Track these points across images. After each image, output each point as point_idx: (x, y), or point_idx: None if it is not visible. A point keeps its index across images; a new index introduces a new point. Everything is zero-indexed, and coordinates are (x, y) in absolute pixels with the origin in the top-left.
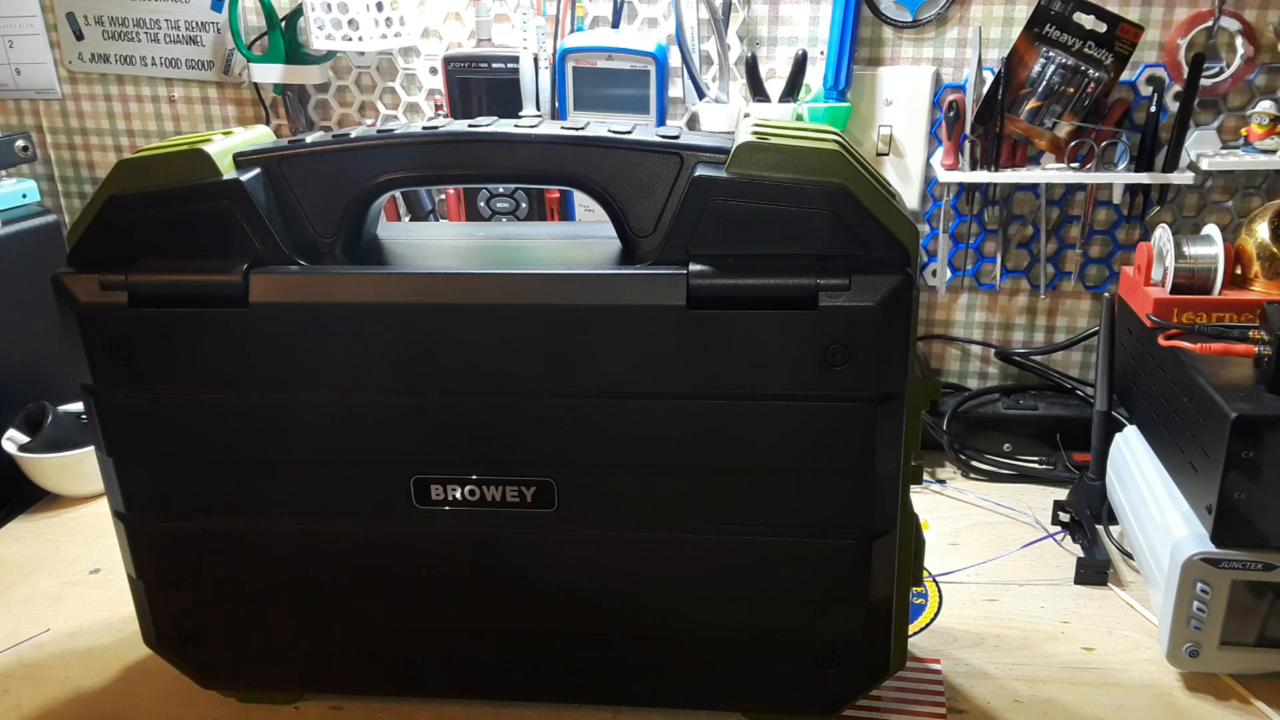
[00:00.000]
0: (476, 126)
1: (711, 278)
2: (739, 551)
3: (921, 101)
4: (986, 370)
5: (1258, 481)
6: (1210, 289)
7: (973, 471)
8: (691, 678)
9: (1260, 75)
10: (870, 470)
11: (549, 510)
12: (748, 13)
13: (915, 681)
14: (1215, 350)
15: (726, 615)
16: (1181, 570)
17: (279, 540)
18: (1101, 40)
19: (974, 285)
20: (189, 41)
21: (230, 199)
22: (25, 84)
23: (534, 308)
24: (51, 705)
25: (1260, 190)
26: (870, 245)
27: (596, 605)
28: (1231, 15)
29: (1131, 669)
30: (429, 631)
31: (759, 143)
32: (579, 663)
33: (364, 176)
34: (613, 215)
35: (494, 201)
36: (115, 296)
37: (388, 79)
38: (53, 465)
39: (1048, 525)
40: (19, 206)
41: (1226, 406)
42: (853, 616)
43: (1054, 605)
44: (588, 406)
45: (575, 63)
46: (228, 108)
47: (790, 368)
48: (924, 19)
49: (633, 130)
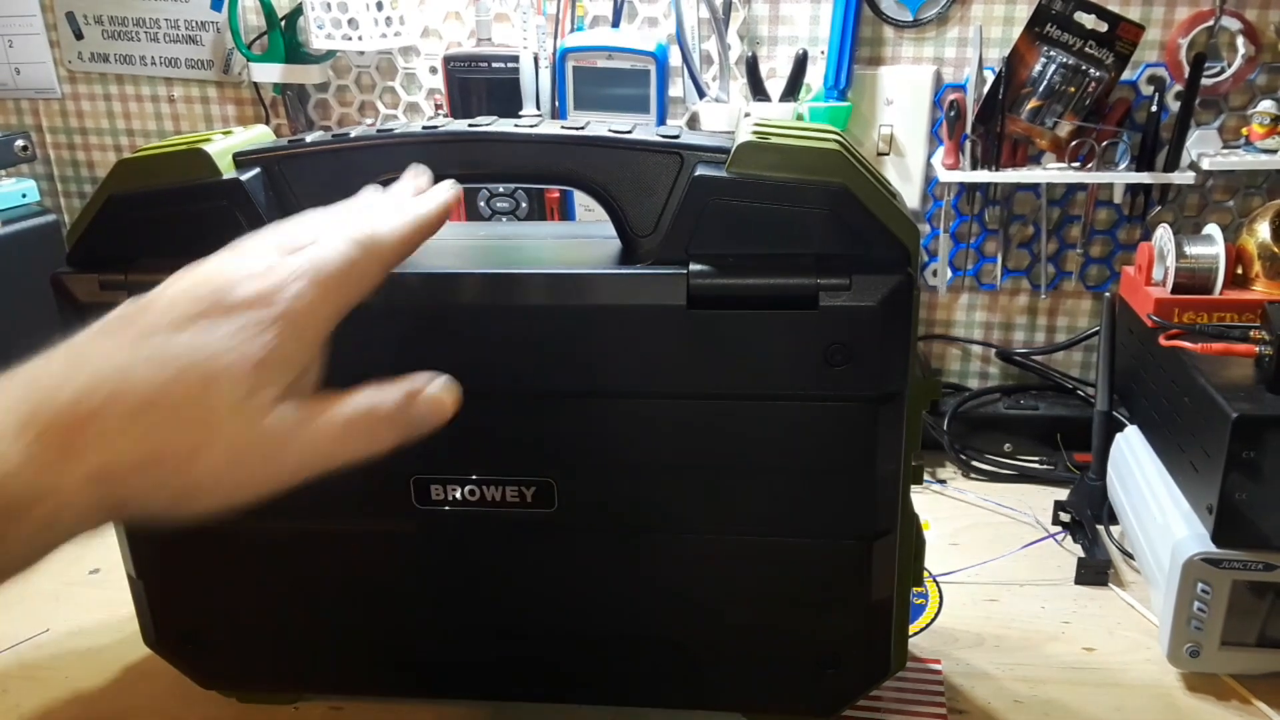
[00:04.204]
0: (476, 126)
1: (712, 277)
2: (739, 551)
3: (922, 101)
4: (987, 370)
5: (1259, 481)
6: (1211, 289)
7: (973, 471)
8: (691, 678)
9: (1261, 75)
10: (870, 470)
11: (549, 510)
12: (748, 12)
13: (915, 682)
14: (1216, 350)
15: (726, 615)
16: (1182, 570)
17: (279, 540)
18: (1102, 40)
19: (974, 285)
20: (188, 41)
21: (230, 199)
22: (25, 83)
23: (533, 308)
24: (51, 705)
25: (1261, 190)
26: (871, 245)
27: (596, 605)
28: (1232, 15)
29: (1132, 669)
30: (429, 631)
31: (759, 142)
32: (579, 663)
33: (364, 176)
34: (613, 215)
35: (494, 201)
36: (115, 296)
37: (388, 78)
38: None
39: (1048, 525)
40: (18, 206)
41: (1227, 406)
42: (853, 617)
43: (1054, 605)
44: (588, 406)
45: (575, 62)
46: (227, 107)
47: (790, 367)
48: (925, 18)
49: (633, 130)
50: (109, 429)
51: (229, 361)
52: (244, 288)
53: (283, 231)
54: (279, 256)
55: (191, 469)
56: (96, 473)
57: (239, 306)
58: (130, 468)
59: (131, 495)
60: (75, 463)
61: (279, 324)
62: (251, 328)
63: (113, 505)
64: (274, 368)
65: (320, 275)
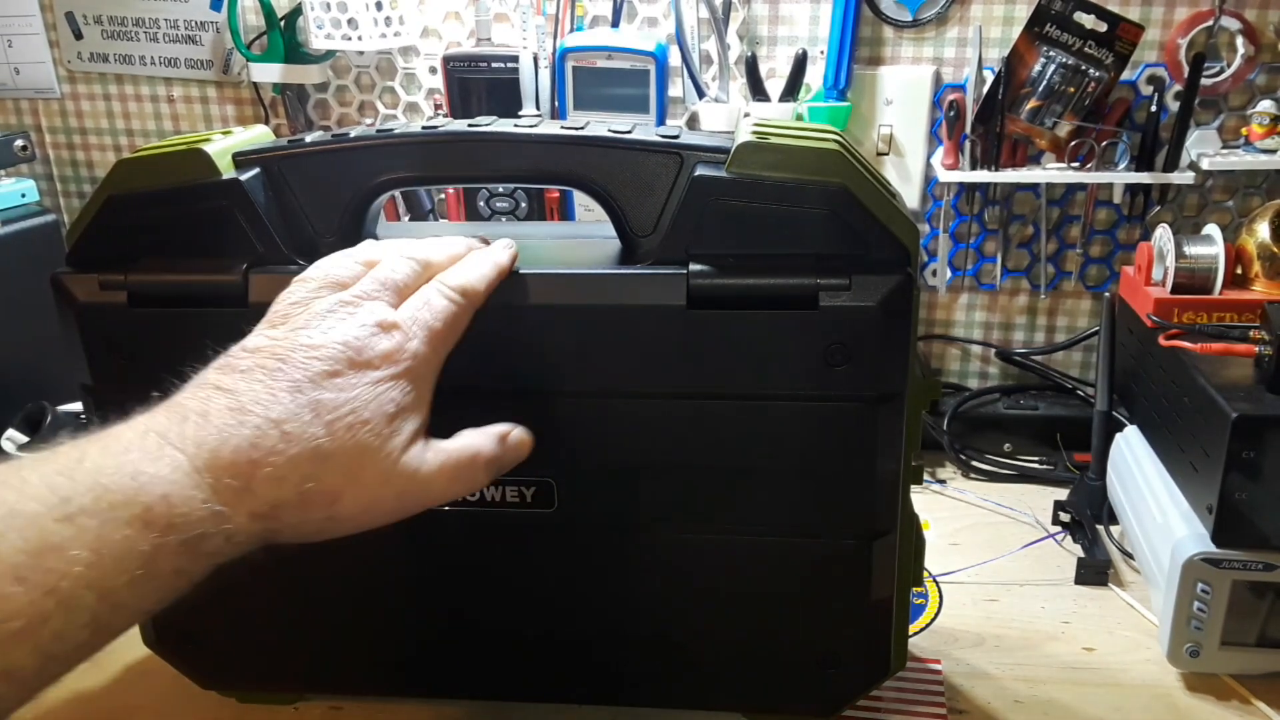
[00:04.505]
0: (476, 126)
1: (711, 277)
2: (739, 551)
3: (922, 101)
4: (987, 370)
5: (1258, 481)
6: (1211, 289)
7: (973, 471)
8: (691, 678)
9: (1261, 75)
10: (870, 470)
11: (549, 510)
12: (748, 12)
13: (915, 682)
14: (1216, 350)
15: (726, 615)
16: (1182, 570)
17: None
18: (1102, 40)
19: (974, 285)
20: (188, 41)
21: (229, 199)
22: (24, 83)
23: (533, 307)
24: (50, 705)
25: (1261, 190)
26: (870, 245)
27: (596, 605)
28: (1232, 15)
29: (1132, 669)
30: (429, 631)
31: (759, 142)
32: (578, 663)
33: (363, 176)
34: (612, 215)
35: (494, 201)
36: (114, 296)
37: (387, 78)
38: None
39: (1048, 525)
40: (18, 206)
41: (1227, 406)
42: (853, 617)
43: (1054, 605)
44: (588, 406)
45: (575, 62)
46: (227, 107)
47: (790, 368)
48: (924, 18)
49: (632, 130)
50: (276, 474)
51: (371, 414)
52: (376, 346)
53: (384, 275)
54: (389, 297)
55: (337, 505)
56: (264, 511)
57: (373, 364)
58: (290, 505)
59: (285, 527)
60: (247, 501)
61: (405, 378)
62: (385, 382)
63: (269, 535)
64: (404, 417)
65: (433, 331)
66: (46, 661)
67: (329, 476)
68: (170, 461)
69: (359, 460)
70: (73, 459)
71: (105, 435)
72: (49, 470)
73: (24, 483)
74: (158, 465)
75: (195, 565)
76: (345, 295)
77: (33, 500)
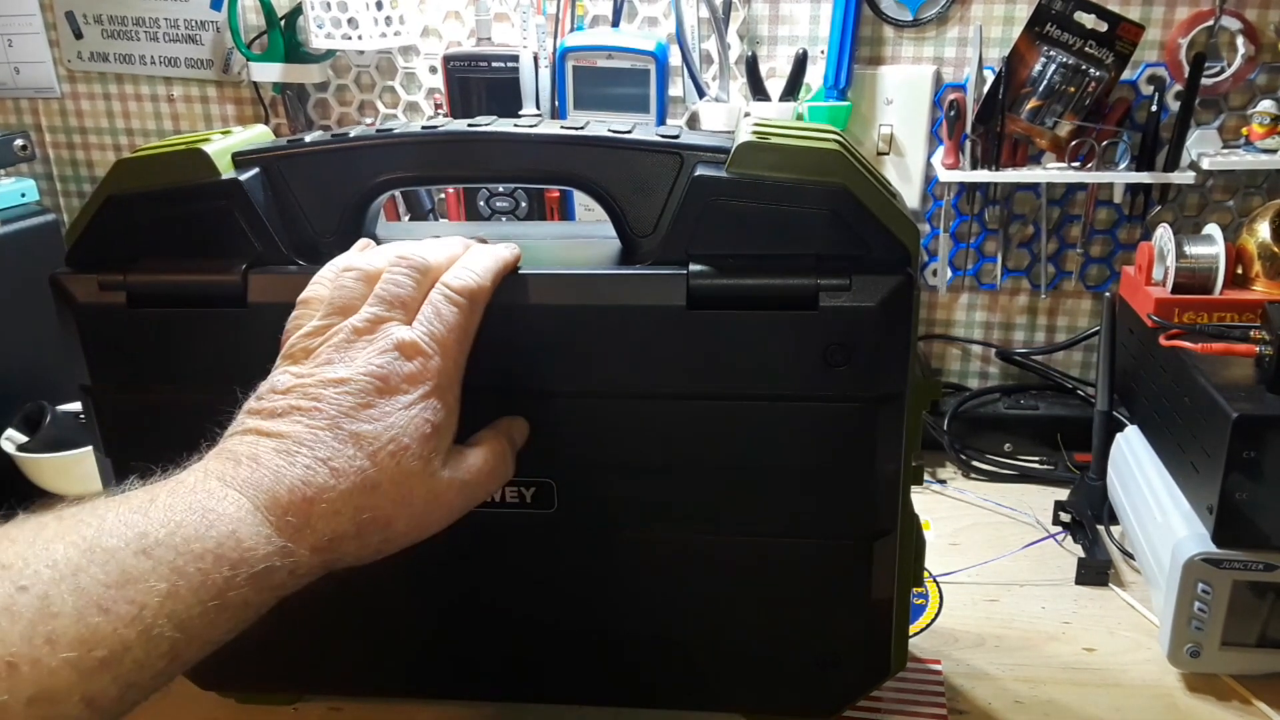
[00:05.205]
0: (476, 126)
1: (711, 278)
2: (739, 552)
3: (922, 101)
4: (987, 370)
5: (1259, 482)
6: (1211, 289)
7: (973, 471)
8: (691, 678)
9: (1261, 74)
10: (870, 471)
11: (549, 511)
12: (748, 11)
13: (916, 682)
14: (1216, 350)
15: (726, 615)
16: (1182, 570)
17: None
18: (1102, 39)
19: (974, 285)
20: (188, 40)
21: (229, 199)
22: (24, 83)
23: (533, 308)
24: None
25: (1261, 190)
26: (871, 245)
27: (596, 605)
28: (1232, 14)
29: (1132, 669)
30: (428, 631)
31: (759, 142)
32: (579, 663)
33: (363, 176)
34: (612, 215)
35: (494, 201)
36: (114, 297)
37: (387, 78)
38: (51, 465)
39: (1048, 525)
40: (17, 206)
41: (1228, 406)
42: (853, 617)
43: (1055, 605)
44: (588, 406)
45: (575, 62)
46: (227, 107)
47: (790, 368)
48: (924, 18)
49: (632, 130)
50: (332, 509)
51: (410, 439)
52: (400, 370)
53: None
54: (399, 315)
55: (391, 528)
56: (324, 544)
57: (400, 389)
58: (349, 537)
59: (346, 554)
60: (308, 536)
61: (434, 395)
62: (416, 404)
63: (331, 563)
64: (439, 433)
65: (449, 343)
66: (126, 689)
67: (381, 504)
68: (234, 502)
69: (407, 484)
70: (145, 500)
71: (170, 480)
72: (124, 509)
73: (101, 520)
74: (223, 505)
75: (261, 597)
76: (357, 322)
77: (111, 536)
